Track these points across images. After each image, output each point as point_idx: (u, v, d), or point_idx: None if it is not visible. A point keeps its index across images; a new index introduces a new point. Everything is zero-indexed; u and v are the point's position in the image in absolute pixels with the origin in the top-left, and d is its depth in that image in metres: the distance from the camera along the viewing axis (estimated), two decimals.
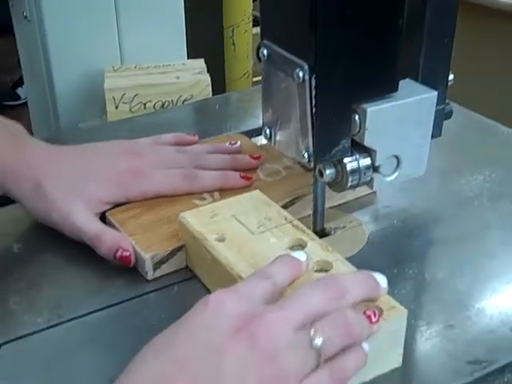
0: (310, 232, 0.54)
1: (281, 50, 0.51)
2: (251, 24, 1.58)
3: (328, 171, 0.55)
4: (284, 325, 0.40)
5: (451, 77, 0.58)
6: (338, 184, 0.56)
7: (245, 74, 1.64)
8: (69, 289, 0.55)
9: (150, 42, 1.06)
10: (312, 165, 0.54)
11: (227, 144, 0.70)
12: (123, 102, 0.92)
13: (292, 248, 0.52)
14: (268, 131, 0.57)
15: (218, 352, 0.38)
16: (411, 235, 0.61)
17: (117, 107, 0.92)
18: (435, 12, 0.54)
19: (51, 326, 0.51)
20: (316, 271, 0.49)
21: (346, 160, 0.54)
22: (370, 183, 0.56)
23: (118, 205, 0.61)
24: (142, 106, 0.93)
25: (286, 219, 0.55)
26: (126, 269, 0.57)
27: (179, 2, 1.08)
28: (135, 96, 0.92)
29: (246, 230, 0.54)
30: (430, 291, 0.54)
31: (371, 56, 0.50)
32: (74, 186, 0.59)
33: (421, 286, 0.54)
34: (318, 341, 0.40)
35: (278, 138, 0.56)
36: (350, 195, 0.65)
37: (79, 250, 0.59)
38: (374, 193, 0.66)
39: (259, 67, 0.55)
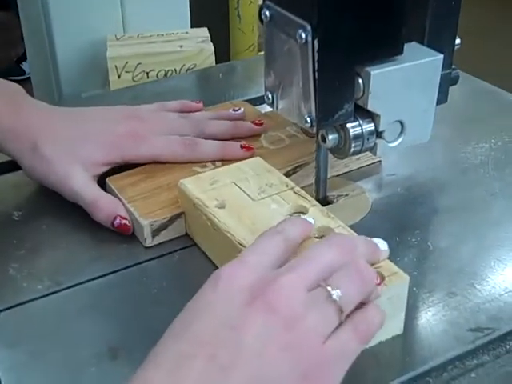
0: (311, 198, 0.53)
1: (283, 11, 0.50)
2: None
3: (331, 136, 0.54)
4: (298, 286, 0.39)
5: (458, 41, 0.57)
6: (340, 150, 0.55)
7: (250, 47, 1.62)
8: (68, 256, 0.55)
9: (153, 10, 1.04)
10: (314, 130, 0.53)
11: (230, 111, 0.69)
12: (126, 71, 0.91)
13: (293, 214, 0.52)
14: (270, 96, 0.56)
15: (236, 327, 0.37)
16: (415, 203, 0.60)
17: (119, 76, 0.91)
18: None
19: (51, 293, 0.51)
20: (317, 238, 0.49)
21: (349, 125, 0.53)
22: (373, 149, 0.55)
23: (117, 171, 0.61)
24: (145, 75, 0.91)
25: (287, 186, 0.55)
26: (126, 236, 0.56)
27: None
28: (138, 65, 0.91)
29: (247, 197, 0.54)
30: (433, 259, 0.53)
31: (375, 17, 0.49)
32: (72, 148, 0.59)
33: (424, 254, 0.54)
34: (336, 294, 0.39)
35: (280, 102, 0.55)
36: (353, 164, 0.65)
37: (79, 218, 0.58)
38: (379, 162, 0.65)
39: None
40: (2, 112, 0.59)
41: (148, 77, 0.91)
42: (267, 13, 0.52)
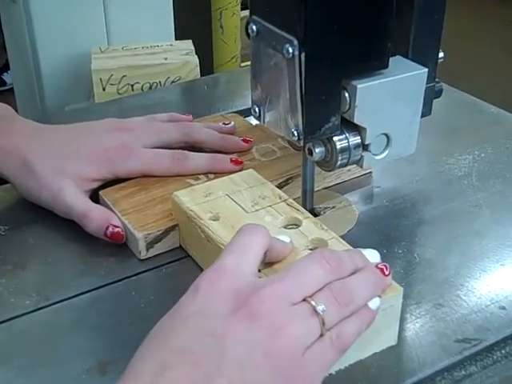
0: (304, 210, 0.54)
1: (270, 26, 0.51)
2: (239, 7, 1.57)
3: (318, 149, 0.54)
4: (283, 298, 0.39)
5: (441, 54, 0.58)
6: (327, 163, 0.56)
7: (233, 58, 1.62)
8: (56, 271, 0.55)
9: (138, 22, 1.04)
10: (301, 143, 0.53)
11: (220, 124, 0.70)
12: (110, 84, 0.91)
13: (287, 226, 0.52)
14: (257, 109, 0.56)
15: (218, 336, 0.38)
16: (401, 215, 0.61)
17: (104, 89, 0.91)
18: None
19: (39, 309, 0.51)
20: (311, 249, 0.49)
21: (335, 138, 0.54)
22: (359, 162, 0.56)
23: (110, 184, 0.61)
24: (130, 88, 0.91)
25: (280, 198, 0.55)
26: (114, 249, 0.56)
27: None
28: (123, 77, 0.91)
29: (240, 209, 0.54)
30: (420, 271, 0.54)
31: (361, 32, 0.50)
32: (62, 164, 0.59)
33: (410, 265, 0.54)
34: (320, 309, 0.39)
35: (267, 116, 0.55)
36: (345, 175, 0.65)
37: (66, 232, 0.58)
38: (370, 173, 0.66)
39: (247, 51, 0.55)
40: None
41: (133, 89, 0.91)
42: (254, 27, 0.52)
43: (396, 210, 0.61)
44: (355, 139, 0.54)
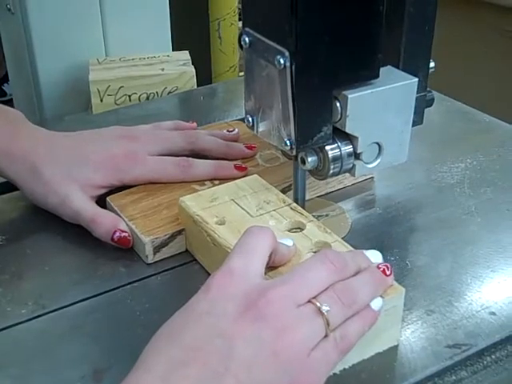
0: (308, 214, 0.55)
1: (262, 38, 0.51)
2: (237, 17, 1.58)
3: (310, 159, 0.55)
4: (289, 300, 0.41)
5: (432, 64, 0.58)
6: (319, 172, 0.56)
7: (231, 68, 1.63)
8: (53, 279, 0.55)
9: (135, 34, 1.05)
10: (294, 152, 0.54)
11: (225, 131, 0.71)
12: (108, 95, 0.92)
13: (291, 230, 0.53)
14: (250, 119, 0.57)
15: (228, 336, 0.39)
16: (394, 223, 0.61)
17: (102, 100, 0.92)
18: None
19: (35, 317, 0.51)
20: (314, 252, 0.50)
21: (327, 147, 0.54)
22: (351, 171, 0.56)
23: (117, 190, 0.62)
24: (127, 98, 0.92)
25: (284, 202, 0.56)
26: (110, 258, 0.57)
27: None
28: (120, 88, 0.92)
29: (246, 213, 0.55)
30: (412, 277, 0.54)
31: (352, 42, 0.51)
32: (70, 170, 0.60)
33: (402, 272, 0.55)
34: (325, 309, 0.41)
35: (260, 125, 0.56)
36: (347, 180, 0.66)
37: (63, 241, 0.59)
38: (372, 178, 0.67)
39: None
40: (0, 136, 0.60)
41: (130, 100, 0.92)
42: (247, 39, 0.53)
43: (389, 218, 0.62)
44: (347, 148, 0.55)
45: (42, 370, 0.47)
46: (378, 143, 0.56)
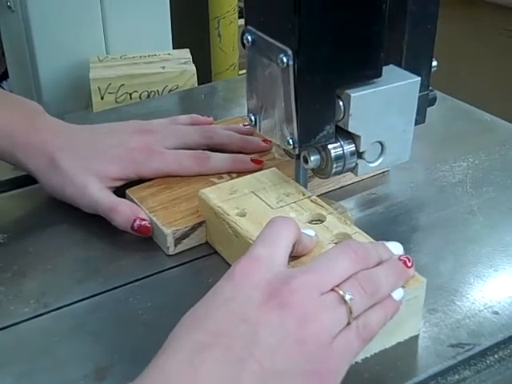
0: (328, 207, 0.55)
1: (265, 36, 0.51)
2: (237, 15, 1.58)
3: (313, 157, 0.55)
4: (312, 288, 0.41)
5: (435, 63, 0.59)
6: (322, 171, 0.57)
7: (231, 66, 1.63)
8: (55, 278, 0.55)
9: (135, 32, 1.05)
10: (297, 151, 0.54)
11: (240, 125, 0.71)
12: (109, 93, 0.92)
13: (311, 222, 0.53)
14: (253, 118, 0.57)
15: (252, 322, 0.39)
16: (396, 222, 0.61)
17: (102, 98, 0.92)
18: None
19: (37, 315, 0.51)
20: (335, 243, 0.50)
21: (330, 146, 0.54)
22: (354, 169, 0.56)
23: (133, 184, 0.63)
24: (128, 97, 0.92)
25: (304, 195, 0.56)
26: (113, 256, 0.57)
27: None
28: (121, 86, 0.92)
29: (266, 205, 0.55)
30: None
31: (354, 41, 0.51)
32: (87, 162, 0.61)
33: None
34: (348, 297, 0.41)
35: (262, 124, 0.56)
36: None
37: (65, 240, 0.59)
38: (388, 171, 0.68)
39: (245, 59, 0.56)
40: (18, 128, 0.61)
41: (131, 98, 0.92)
42: (249, 37, 0.53)
43: (391, 217, 0.62)
44: (350, 147, 0.55)
45: (45, 368, 0.47)
46: (380, 142, 0.56)
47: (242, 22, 1.68)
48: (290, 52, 0.49)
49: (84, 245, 0.58)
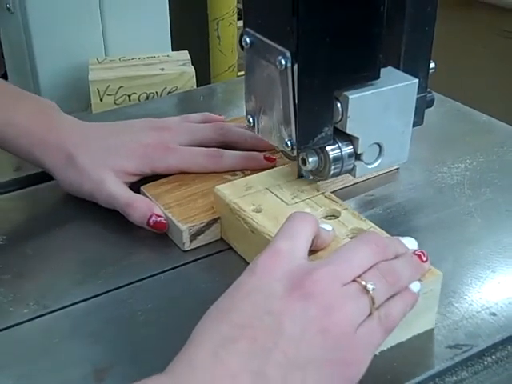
0: (342, 202, 0.55)
1: (263, 38, 0.52)
2: (236, 17, 1.58)
3: (311, 159, 0.55)
4: (335, 279, 0.41)
5: (433, 65, 0.59)
6: (320, 172, 0.57)
7: (230, 67, 1.63)
8: (54, 279, 0.55)
9: (135, 33, 1.05)
10: (295, 153, 0.54)
11: None
12: (108, 94, 0.92)
13: (326, 217, 0.54)
14: (251, 119, 0.57)
15: (276, 313, 0.40)
16: (394, 223, 0.61)
17: (101, 99, 0.92)
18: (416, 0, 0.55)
19: (37, 317, 0.51)
20: (351, 238, 0.51)
21: (328, 148, 0.55)
22: (352, 171, 0.56)
23: (147, 181, 0.63)
24: (127, 98, 0.93)
25: (318, 191, 0.57)
26: (112, 258, 0.57)
27: None
28: (120, 88, 0.92)
29: (281, 202, 0.56)
30: None
31: (353, 43, 0.51)
32: (104, 159, 0.61)
33: None
34: (370, 287, 0.41)
35: (261, 126, 0.57)
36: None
37: (64, 241, 0.59)
38: (397, 169, 0.68)
39: (244, 61, 0.56)
40: (36, 126, 0.62)
41: (130, 100, 0.92)
42: (247, 39, 0.53)
43: (389, 219, 0.62)
44: (348, 149, 0.55)
45: (45, 370, 0.47)
46: (378, 144, 0.56)
47: (241, 23, 1.68)
48: (288, 54, 0.49)
49: (83, 246, 0.58)
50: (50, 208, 0.65)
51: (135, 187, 0.62)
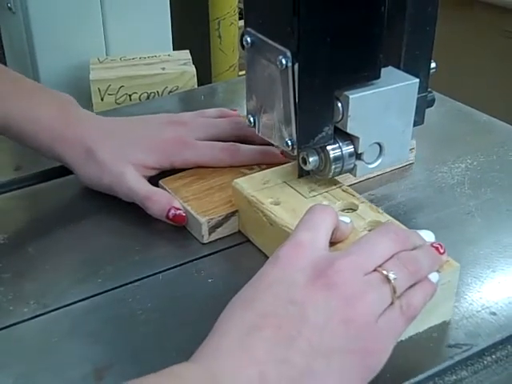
0: (359, 196, 0.56)
1: (264, 38, 0.52)
2: (237, 16, 1.58)
3: (311, 159, 0.55)
4: (357, 269, 0.42)
5: (433, 65, 0.59)
6: (321, 172, 0.57)
7: (231, 67, 1.63)
8: (54, 278, 0.55)
9: (136, 33, 1.06)
10: (295, 152, 0.54)
11: None
12: (109, 94, 0.92)
13: (344, 210, 0.55)
14: (252, 119, 0.57)
15: (299, 303, 0.40)
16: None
17: (102, 99, 0.92)
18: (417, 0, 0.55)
19: (37, 316, 0.51)
20: (369, 231, 0.51)
21: (329, 147, 0.55)
22: (352, 171, 0.57)
23: (165, 175, 0.64)
24: (128, 98, 0.93)
25: (335, 184, 0.58)
26: (112, 257, 0.57)
27: None
28: (121, 87, 0.92)
29: (299, 195, 0.56)
30: None
31: (354, 43, 0.51)
32: (123, 153, 0.62)
33: None
34: (392, 276, 0.42)
35: (261, 125, 0.57)
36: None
37: (64, 241, 0.59)
38: (412, 164, 0.68)
39: (245, 61, 0.56)
40: (56, 121, 0.62)
41: (131, 99, 0.92)
42: (248, 39, 0.53)
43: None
44: (348, 148, 0.55)
45: (45, 369, 0.47)
46: (379, 143, 0.56)
47: (242, 23, 1.68)
48: (289, 54, 0.49)
49: (83, 246, 0.58)
50: (50, 207, 0.65)
51: (152, 181, 0.63)
